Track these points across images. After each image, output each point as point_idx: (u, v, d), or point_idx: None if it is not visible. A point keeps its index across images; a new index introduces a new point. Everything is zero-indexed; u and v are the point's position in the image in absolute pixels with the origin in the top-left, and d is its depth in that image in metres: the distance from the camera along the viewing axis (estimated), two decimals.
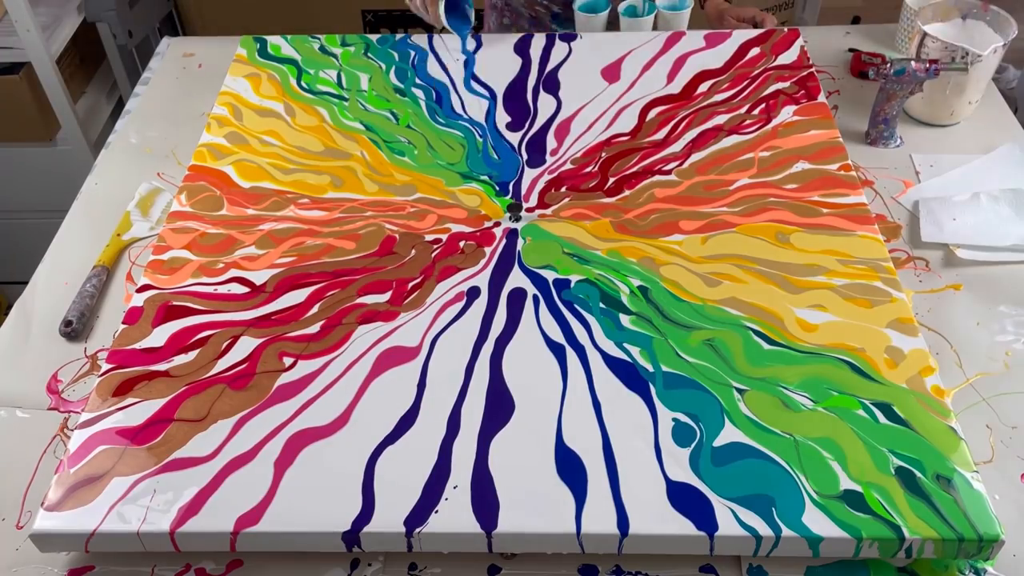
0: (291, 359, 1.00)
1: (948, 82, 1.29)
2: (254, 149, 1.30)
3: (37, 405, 1.03)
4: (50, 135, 2.04)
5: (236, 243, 1.15)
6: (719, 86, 1.38)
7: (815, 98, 1.34)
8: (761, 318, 1.02)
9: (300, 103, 1.39)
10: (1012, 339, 1.04)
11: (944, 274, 1.13)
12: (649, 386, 0.96)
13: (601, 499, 0.86)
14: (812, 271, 1.08)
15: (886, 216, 1.21)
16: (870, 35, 1.55)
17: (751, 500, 0.85)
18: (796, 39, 1.46)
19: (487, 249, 1.14)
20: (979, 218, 1.18)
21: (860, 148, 1.32)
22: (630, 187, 1.21)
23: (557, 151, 1.29)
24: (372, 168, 1.27)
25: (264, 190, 1.24)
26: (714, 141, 1.28)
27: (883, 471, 0.87)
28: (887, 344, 0.99)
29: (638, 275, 1.08)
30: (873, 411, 0.92)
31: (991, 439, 0.95)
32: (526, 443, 0.91)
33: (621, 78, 1.41)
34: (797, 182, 1.20)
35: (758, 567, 0.86)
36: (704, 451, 0.89)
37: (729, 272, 1.08)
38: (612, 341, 1.01)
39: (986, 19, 1.34)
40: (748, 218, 1.15)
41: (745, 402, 0.93)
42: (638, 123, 1.32)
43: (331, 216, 1.19)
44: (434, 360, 1.00)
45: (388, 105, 1.38)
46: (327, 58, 1.47)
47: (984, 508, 0.83)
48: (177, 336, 1.04)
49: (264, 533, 0.85)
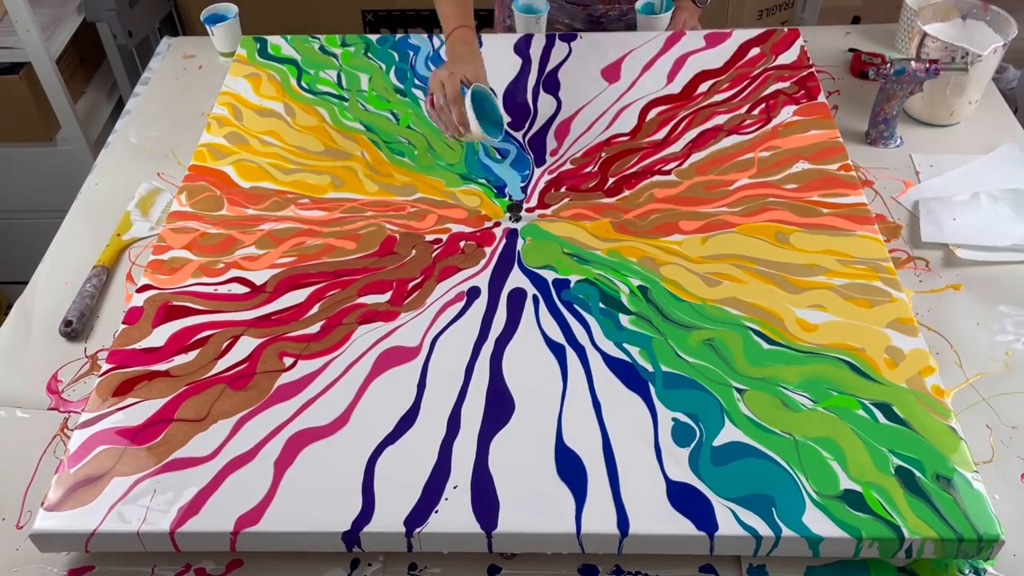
0: (291, 359, 1.00)
1: (948, 82, 1.29)
2: (254, 149, 1.30)
3: (37, 405, 1.03)
4: (50, 135, 2.04)
5: (236, 243, 1.15)
6: (719, 86, 1.38)
7: (815, 98, 1.33)
8: (761, 318, 1.02)
9: (300, 103, 1.38)
10: (1012, 339, 1.04)
11: (944, 274, 1.13)
12: (649, 386, 0.96)
13: (601, 499, 0.86)
14: (812, 271, 1.07)
15: (886, 216, 1.21)
16: (870, 35, 1.55)
17: (751, 500, 0.85)
18: (796, 39, 1.46)
19: (487, 249, 1.14)
20: (979, 218, 1.18)
21: (860, 148, 1.32)
22: (630, 187, 1.21)
23: (557, 151, 1.29)
24: (372, 168, 1.27)
25: (264, 190, 1.24)
26: (714, 141, 1.28)
27: (883, 471, 0.87)
28: (887, 344, 0.99)
29: (638, 275, 1.08)
30: (873, 411, 0.92)
31: (991, 439, 0.95)
32: (526, 443, 0.91)
33: (621, 78, 1.41)
34: (797, 182, 1.20)
35: (759, 567, 0.86)
36: (704, 451, 0.89)
37: (729, 272, 1.08)
38: (612, 341, 1.01)
39: (986, 19, 1.34)
40: (748, 218, 1.15)
41: (745, 402, 0.93)
42: (638, 123, 1.32)
43: (331, 216, 1.19)
44: (434, 360, 1.00)
45: (388, 105, 1.38)
46: (327, 58, 1.47)
47: (984, 508, 0.83)
48: (177, 336, 1.04)
49: (264, 533, 0.85)
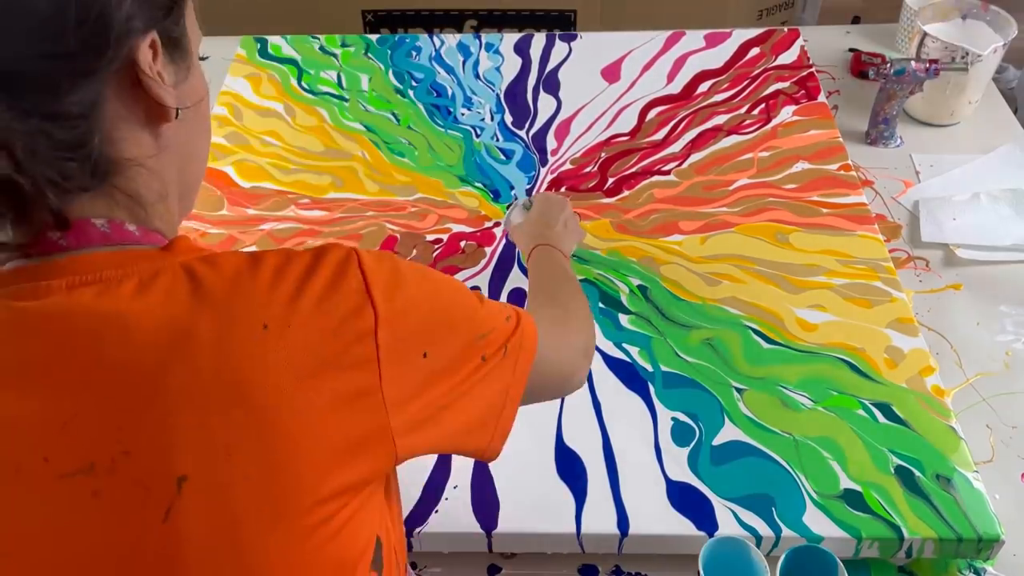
0: None
1: (948, 82, 1.29)
2: (254, 149, 1.30)
3: None
4: None
5: (236, 243, 1.15)
6: (719, 86, 1.38)
7: (815, 98, 1.34)
8: (761, 318, 1.02)
9: (300, 103, 1.39)
10: (1012, 339, 1.04)
11: (944, 274, 1.13)
12: (648, 386, 0.96)
13: (601, 499, 0.86)
14: (812, 271, 1.07)
15: (886, 216, 1.21)
16: (870, 35, 1.55)
17: (751, 500, 0.85)
18: (796, 39, 1.46)
19: (487, 249, 1.14)
20: (979, 218, 1.18)
21: (860, 148, 1.32)
22: (629, 187, 1.21)
23: (557, 151, 1.29)
24: (373, 168, 1.27)
25: (265, 190, 1.24)
26: (714, 141, 1.28)
27: (883, 471, 0.87)
28: (887, 344, 0.99)
29: (638, 274, 1.08)
30: (873, 411, 0.92)
31: (991, 439, 0.95)
32: (526, 443, 0.91)
33: (621, 78, 1.41)
34: (797, 182, 1.20)
35: None
36: (703, 450, 0.89)
37: (729, 272, 1.08)
38: (611, 341, 1.01)
39: (986, 19, 1.34)
40: (748, 218, 1.15)
41: (744, 401, 0.93)
42: (638, 123, 1.32)
43: (332, 216, 1.19)
44: None
45: (389, 106, 1.38)
46: (327, 58, 1.47)
47: (984, 508, 0.83)
48: None
49: None
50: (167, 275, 0.51)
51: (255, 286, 0.51)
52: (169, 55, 0.54)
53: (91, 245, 0.52)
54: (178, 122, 0.56)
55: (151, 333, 0.49)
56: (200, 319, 0.49)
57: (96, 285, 0.50)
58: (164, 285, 0.51)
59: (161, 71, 0.53)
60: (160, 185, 0.56)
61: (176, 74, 0.55)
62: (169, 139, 0.56)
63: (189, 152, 0.60)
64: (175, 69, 0.55)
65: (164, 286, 0.51)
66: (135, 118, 0.53)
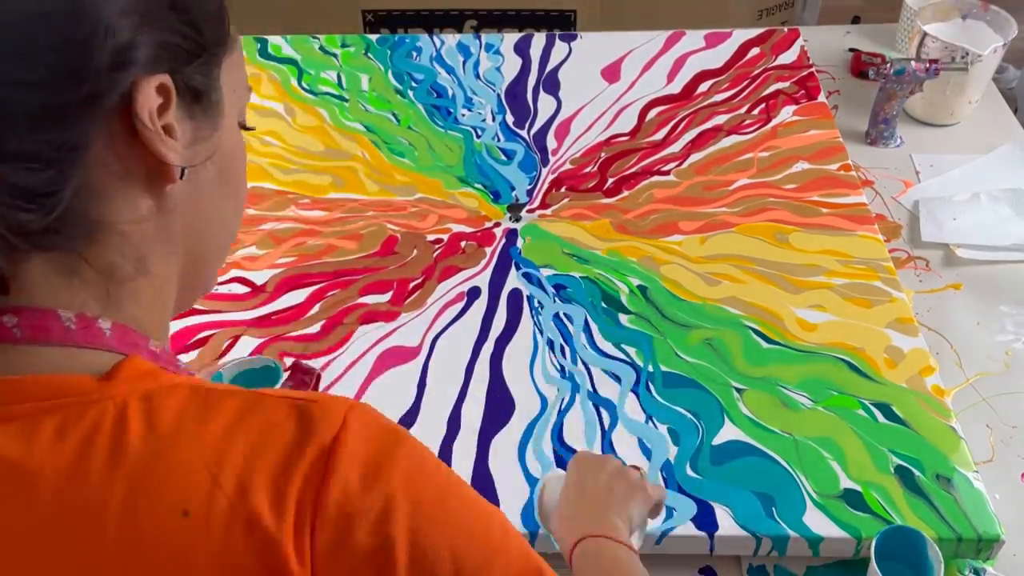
0: (291, 359, 1.00)
1: (948, 82, 1.29)
2: (254, 149, 1.30)
3: None
4: None
5: (237, 243, 1.15)
6: (719, 86, 1.38)
7: (815, 98, 1.34)
8: (760, 317, 1.02)
9: (300, 103, 1.39)
10: (1012, 339, 1.04)
11: (944, 274, 1.13)
12: (648, 385, 0.96)
13: None
14: (812, 271, 1.08)
15: (886, 216, 1.21)
16: (870, 35, 1.55)
17: (751, 500, 0.85)
18: (796, 39, 1.46)
19: (487, 249, 1.14)
20: (979, 218, 1.18)
21: (860, 148, 1.32)
22: (629, 187, 1.21)
23: (557, 151, 1.29)
24: (373, 168, 1.27)
25: (265, 190, 1.24)
26: (713, 141, 1.28)
27: (883, 471, 0.87)
28: (887, 344, 0.99)
29: (638, 274, 1.08)
30: (873, 411, 0.92)
31: (991, 439, 0.95)
32: (526, 443, 0.91)
33: (621, 78, 1.41)
34: (797, 182, 1.20)
35: (759, 567, 0.86)
36: (703, 450, 0.89)
37: (728, 272, 1.08)
38: (611, 341, 1.01)
39: (986, 19, 1.34)
40: (747, 218, 1.15)
41: (744, 401, 0.93)
42: (638, 123, 1.32)
43: (332, 216, 1.19)
44: (434, 360, 1.00)
45: (389, 106, 1.38)
46: (327, 58, 1.47)
47: (984, 508, 0.83)
48: (178, 336, 1.04)
49: None
50: (90, 419, 0.41)
51: (196, 445, 0.41)
52: (187, 108, 0.45)
53: (49, 342, 0.43)
54: (192, 183, 0.46)
55: (49, 497, 0.40)
56: (111, 488, 0.40)
57: (18, 422, 0.41)
58: (82, 433, 0.41)
59: (172, 123, 0.44)
60: (147, 258, 0.46)
61: (196, 131, 0.46)
62: (176, 202, 0.46)
63: (205, 219, 0.49)
64: (195, 126, 0.46)
65: (82, 435, 0.41)
66: (131, 173, 0.44)
